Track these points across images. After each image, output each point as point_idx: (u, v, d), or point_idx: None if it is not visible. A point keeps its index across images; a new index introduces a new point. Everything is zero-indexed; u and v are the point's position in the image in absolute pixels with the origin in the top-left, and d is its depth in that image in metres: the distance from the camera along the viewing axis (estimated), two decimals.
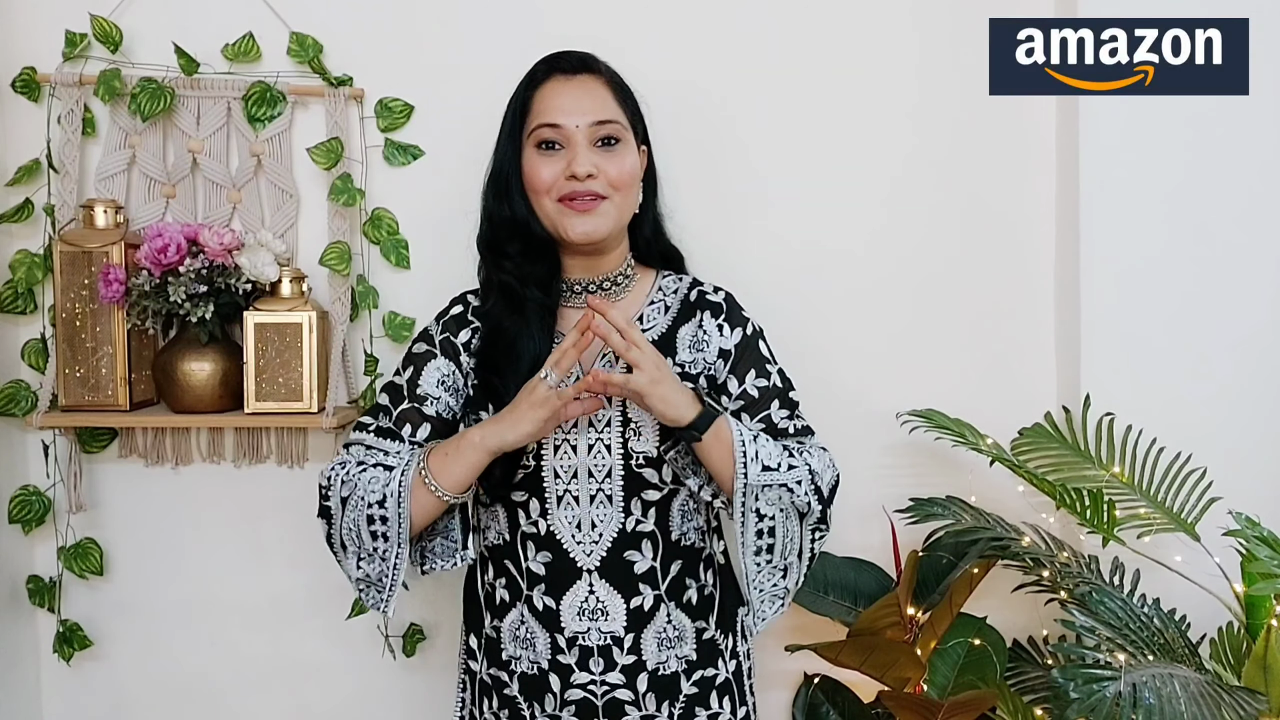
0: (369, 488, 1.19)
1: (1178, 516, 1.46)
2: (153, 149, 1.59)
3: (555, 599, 1.23)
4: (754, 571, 1.24)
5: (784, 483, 1.20)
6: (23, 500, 1.62)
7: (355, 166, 1.61)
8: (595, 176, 1.21)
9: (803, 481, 1.21)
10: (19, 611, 1.64)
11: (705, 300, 1.31)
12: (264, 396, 1.53)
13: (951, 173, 1.65)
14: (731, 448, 1.18)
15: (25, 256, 1.59)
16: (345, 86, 1.59)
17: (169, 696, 1.69)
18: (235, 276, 1.51)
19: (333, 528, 1.22)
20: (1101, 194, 1.57)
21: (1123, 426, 1.54)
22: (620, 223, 1.27)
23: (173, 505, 1.67)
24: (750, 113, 1.64)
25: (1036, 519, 1.58)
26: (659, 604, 1.24)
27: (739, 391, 1.28)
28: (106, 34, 1.56)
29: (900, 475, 1.65)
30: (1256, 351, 1.58)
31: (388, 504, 1.18)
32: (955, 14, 1.63)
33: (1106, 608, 1.32)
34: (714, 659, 1.28)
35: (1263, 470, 1.58)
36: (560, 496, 1.23)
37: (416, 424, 1.26)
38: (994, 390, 1.66)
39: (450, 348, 1.29)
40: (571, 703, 1.23)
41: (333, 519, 1.21)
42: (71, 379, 1.54)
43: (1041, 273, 1.66)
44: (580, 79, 1.26)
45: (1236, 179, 1.57)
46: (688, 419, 1.17)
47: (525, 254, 1.26)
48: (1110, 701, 1.10)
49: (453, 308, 1.33)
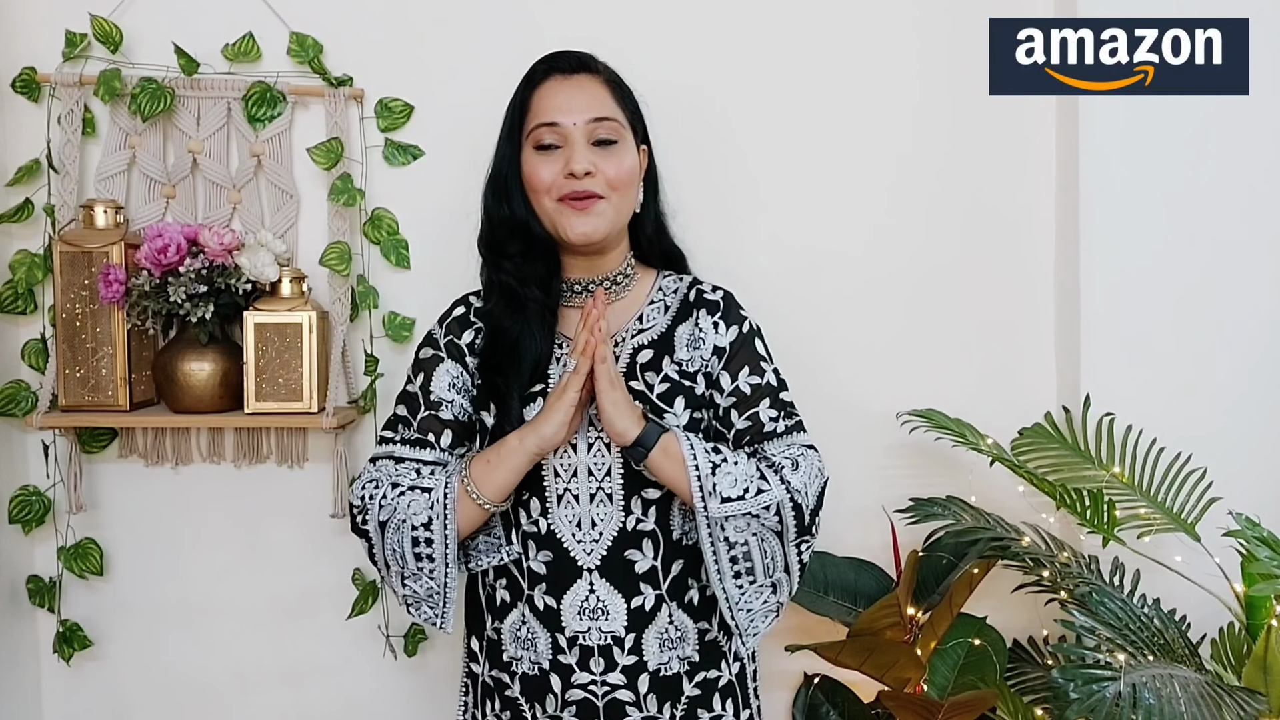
0: (410, 511, 1.20)
1: (1178, 517, 1.46)
2: (153, 149, 1.59)
3: (556, 598, 1.23)
4: (738, 594, 1.21)
5: (749, 511, 1.18)
6: (23, 500, 1.62)
7: (355, 166, 1.61)
8: (593, 175, 1.21)
9: (772, 506, 1.18)
10: (19, 611, 1.64)
11: (703, 299, 1.31)
12: (264, 396, 1.53)
13: (952, 173, 1.65)
14: (684, 465, 1.17)
15: (25, 256, 1.59)
16: (345, 86, 1.59)
17: (169, 696, 1.69)
18: (235, 276, 1.51)
19: (374, 548, 1.23)
20: (1101, 194, 1.57)
21: (1123, 426, 1.54)
22: (619, 223, 1.27)
23: (173, 505, 1.67)
24: (750, 113, 1.64)
25: (1036, 519, 1.58)
26: (660, 604, 1.23)
27: (731, 388, 1.27)
28: (106, 34, 1.56)
29: (900, 475, 1.65)
30: (1257, 351, 1.58)
31: (433, 526, 1.19)
32: (955, 14, 1.63)
33: (1106, 608, 1.32)
34: (716, 660, 1.27)
35: (1263, 470, 1.58)
36: (560, 495, 1.23)
37: (439, 432, 1.26)
38: (994, 390, 1.66)
39: (455, 350, 1.29)
40: (572, 703, 1.22)
41: (372, 541, 1.23)
42: (71, 379, 1.54)
43: (1042, 273, 1.66)
44: (578, 78, 1.26)
45: (1236, 178, 1.57)
46: (632, 435, 1.16)
47: (525, 254, 1.26)
48: (1110, 702, 1.10)
49: (454, 309, 1.33)
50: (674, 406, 1.24)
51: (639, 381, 1.25)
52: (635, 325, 1.29)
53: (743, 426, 1.26)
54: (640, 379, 1.25)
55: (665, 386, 1.25)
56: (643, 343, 1.28)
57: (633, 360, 1.26)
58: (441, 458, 1.26)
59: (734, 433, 1.26)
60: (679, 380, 1.25)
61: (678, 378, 1.25)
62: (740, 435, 1.26)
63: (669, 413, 1.23)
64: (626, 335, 1.28)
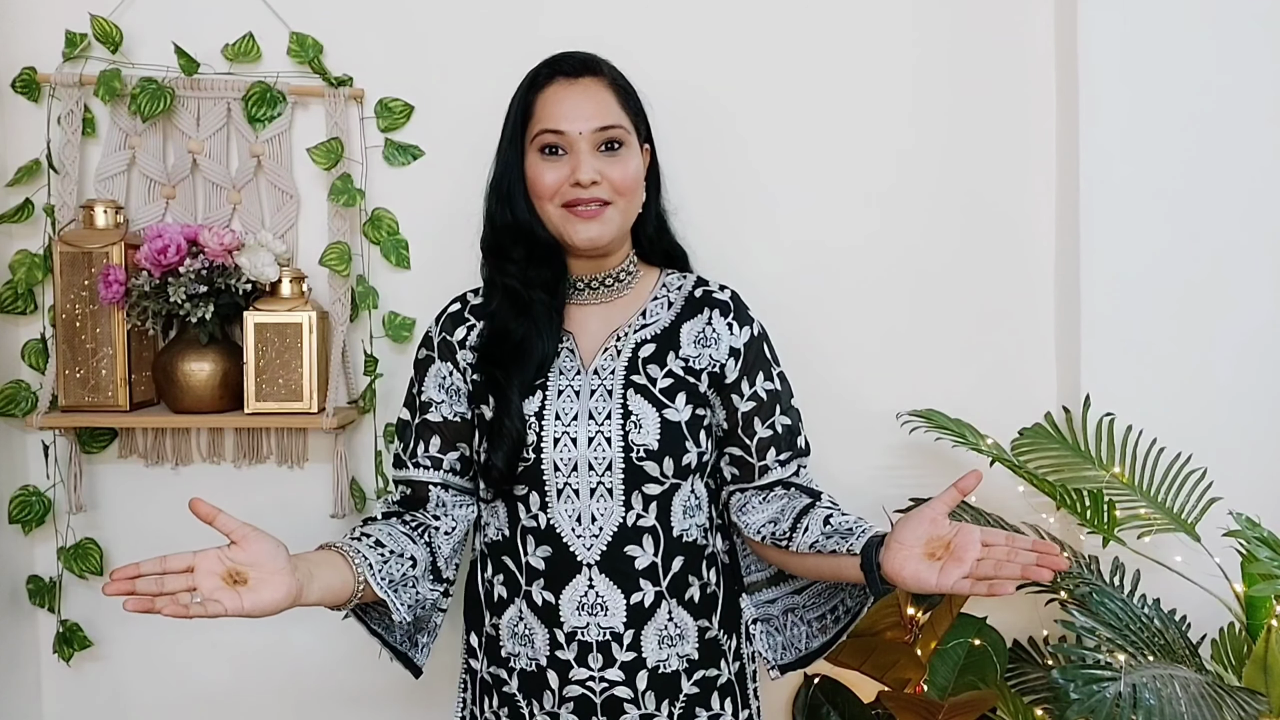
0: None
1: (1178, 517, 1.46)
2: (153, 149, 1.59)
3: (555, 594, 1.23)
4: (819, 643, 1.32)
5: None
6: (23, 500, 1.62)
7: (355, 167, 1.61)
8: (599, 183, 1.21)
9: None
10: (19, 611, 1.64)
11: (712, 298, 1.31)
12: (264, 397, 1.53)
13: (952, 172, 1.65)
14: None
15: (25, 257, 1.59)
16: (345, 86, 1.59)
17: (169, 696, 1.69)
18: (235, 277, 1.51)
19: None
20: (1102, 193, 1.57)
21: (1123, 427, 1.54)
22: (625, 226, 1.27)
23: (173, 505, 1.66)
24: (751, 110, 1.64)
25: (1036, 519, 1.58)
26: (660, 600, 1.23)
27: (750, 393, 1.28)
28: (106, 34, 1.56)
29: (900, 475, 1.65)
30: (1257, 351, 1.58)
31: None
32: (955, 14, 1.63)
33: (1107, 608, 1.32)
34: (716, 659, 1.27)
35: (1263, 470, 1.58)
36: (560, 490, 1.23)
37: (428, 439, 1.28)
38: (994, 390, 1.66)
39: (447, 348, 1.29)
40: (570, 700, 1.22)
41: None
42: (71, 379, 1.54)
43: (1042, 273, 1.66)
44: (583, 82, 1.25)
45: (1236, 178, 1.57)
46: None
47: (530, 258, 1.27)
48: (1110, 702, 1.10)
49: (450, 306, 1.34)
50: (675, 402, 1.24)
51: (641, 375, 1.25)
52: (639, 320, 1.29)
53: (765, 435, 1.27)
54: (642, 372, 1.25)
55: (669, 382, 1.25)
56: (645, 337, 1.28)
57: (635, 354, 1.26)
58: (426, 476, 1.28)
59: (757, 440, 1.27)
60: (683, 376, 1.26)
61: (681, 373, 1.26)
62: (764, 444, 1.27)
63: (670, 408, 1.23)
64: (629, 330, 1.28)
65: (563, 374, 1.25)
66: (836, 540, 1.15)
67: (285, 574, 1.02)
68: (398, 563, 1.17)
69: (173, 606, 0.96)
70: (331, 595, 1.10)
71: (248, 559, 1.02)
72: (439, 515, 1.27)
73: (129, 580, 0.96)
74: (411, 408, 1.30)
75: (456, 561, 1.28)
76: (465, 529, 1.30)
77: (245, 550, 1.02)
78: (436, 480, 1.28)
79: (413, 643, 1.30)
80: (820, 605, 1.32)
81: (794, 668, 1.33)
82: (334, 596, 1.10)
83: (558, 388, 1.24)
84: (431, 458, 1.27)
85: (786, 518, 1.22)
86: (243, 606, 0.99)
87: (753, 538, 1.26)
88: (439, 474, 1.28)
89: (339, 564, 1.12)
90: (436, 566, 1.24)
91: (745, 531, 1.27)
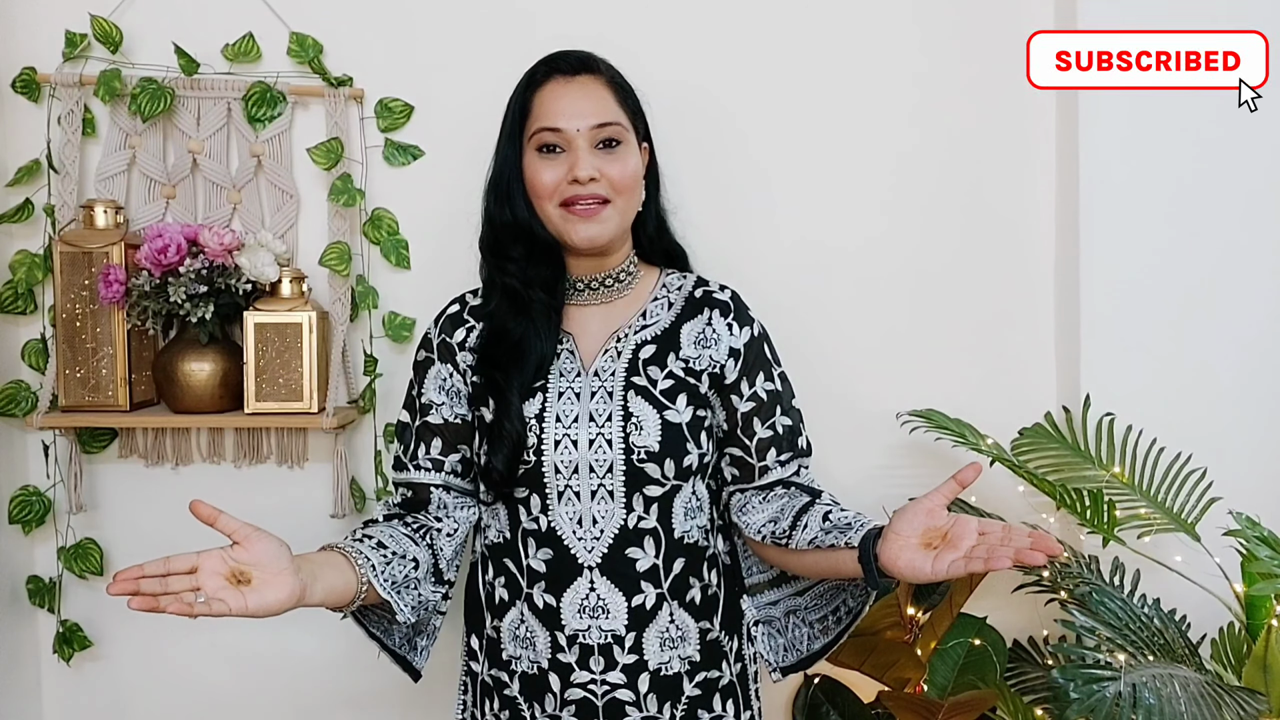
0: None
1: (1178, 516, 1.46)
2: (153, 149, 1.59)
3: (556, 596, 1.23)
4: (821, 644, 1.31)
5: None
6: (23, 500, 1.62)
7: (355, 167, 1.61)
8: (598, 180, 1.21)
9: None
10: (19, 611, 1.64)
11: (712, 299, 1.31)
12: (264, 397, 1.53)
13: (952, 172, 1.65)
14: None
15: (25, 257, 1.59)
16: (345, 86, 1.59)
17: (169, 696, 1.69)
18: (235, 277, 1.51)
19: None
20: (1102, 194, 1.57)
21: (1123, 427, 1.54)
22: (624, 225, 1.27)
23: (173, 505, 1.66)
24: (752, 111, 1.64)
25: (1037, 519, 1.58)
26: (661, 602, 1.23)
27: (749, 394, 1.28)
28: (106, 34, 1.56)
29: (900, 475, 1.65)
30: (1257, 352, 1.58)
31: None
32: (956, 13, 1.63)
33: (1106, 608, 1.32)
34: (718, 661, 1.27)
35: (1263, 470, 1.58)
36: (561, 492, 1.23)
37: (429, 442, 1.28)
38: (994, 390, 1.66)
39: (446, 350, 1.29)
40: (571, 702, 1.22)
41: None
42: (71, 379, 1.54)
43: (1042, 273, 1.66)
44: (580, 80, 1.25)
45: (1237, 178, 1.57)
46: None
47: (529, 257, 1.26)
48: (1110, 702, 1.10)
49: (449, 308, 1.33)
50: (676, 403, 1.24)
51: (641, 376, 1.25)
52: (639, 321, 1.29)
53: (765, 435, 1.27)
54: (643, 374, 1.25)
55: (669, 383, 1.25)
56: (646, 338, 1.28)
57: (635, 355, 1.26)
58: (428, 478, 1.27)
59: (756, 441, 1.27)
60: (683, 377, 1.26)
61: (682, 374, 1.26)
62: (764, 444, 1.27)
63: (671, 409, 1.23)
64: (630, 331, 1.28)
65: (563, 376, 1.25)
66: (835, 535, 1.15)
67: (289, 574, 1.02)
68: (400, 564, 1.17)
69: (177, 604, 0.96)
70: (334, 596, 1.10)
71: (251, 559, 1.02)
72: (440, 517, 1.27)
73: (133, 581, 0.96)
74: (411, 410, 1.30)
75: (457, 563, 1.28)
76: (467, 531, 1.30)
77: (248, 550, 1.02)
78: (438, 482, 1.28)
79: (411, 646, 1.30)
80: (822, 606, 1.32)
81: (796, 669, 1.33)
82: (337, 597, 1.10)
83: (558, 390, 1.24)
84: (433, 460, 1.27)
85: (786, 516, 1.23)
86: (246, 606, 0.99)
87: (753, 538, 1.26)
88: (440, 476, 1.28)
89: (342, 565, 1.12)
90: (438, 568, 1.24)
91: (746, 531, 1.27)
